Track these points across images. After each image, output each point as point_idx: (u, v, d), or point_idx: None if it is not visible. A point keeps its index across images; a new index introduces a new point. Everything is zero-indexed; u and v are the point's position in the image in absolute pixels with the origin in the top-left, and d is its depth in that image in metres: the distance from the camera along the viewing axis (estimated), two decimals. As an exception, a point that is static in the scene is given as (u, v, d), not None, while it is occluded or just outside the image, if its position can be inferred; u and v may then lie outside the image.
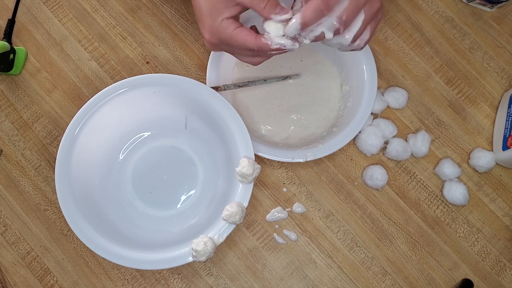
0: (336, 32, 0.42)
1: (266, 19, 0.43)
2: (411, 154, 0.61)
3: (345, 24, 0.41)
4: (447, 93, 0.63)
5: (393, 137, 0.60)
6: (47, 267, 0.58)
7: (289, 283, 0.57)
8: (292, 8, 0.43)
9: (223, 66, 0.59)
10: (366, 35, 0.44)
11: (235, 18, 0.44)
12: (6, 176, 0.60)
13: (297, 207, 0.59)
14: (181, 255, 0.51)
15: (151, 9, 0.65)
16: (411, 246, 0.59)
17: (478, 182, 0.61)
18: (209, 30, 0.44)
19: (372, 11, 0.43)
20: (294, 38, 0.43)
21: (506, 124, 0.60)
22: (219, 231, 0.52)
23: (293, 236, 0.58)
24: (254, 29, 0.47)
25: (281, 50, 0.43)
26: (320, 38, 0.42)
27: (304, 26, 0.41)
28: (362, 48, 0.45)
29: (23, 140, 0.61)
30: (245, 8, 0.44)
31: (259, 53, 0.45)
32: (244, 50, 0.45)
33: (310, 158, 0.55)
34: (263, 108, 0.61)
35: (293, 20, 0.41)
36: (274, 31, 0.43)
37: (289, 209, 0.59)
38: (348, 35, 0.43)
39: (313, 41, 0.43)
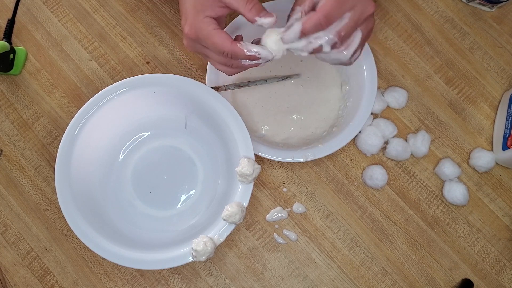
0: (333, 46, 0.43)
1: (252, 21, 0.43)
2: (411, 154, 0.61)
3: (343, 39, 0.43)
4: (447, 93, 0.63)
5: (393, 137, 0.60)
6: (47, 267, 0.58)
7: (289, 283, 0.57)
8: (290, 16, 0.44)
9: (223, 66, 0.59)
10: (358, 52, 0.46)
11: (218, 20, 0.45)
12: (6, 176, 0.60)
13: (297, 207, 0.59)
14: (181, 255, 0.51)
15: (151, 9, 0.65)
16: (411, 246, 0.59)
17: (478, 182, 0.61)
18: (189, 24, 0.44)
19: (367, 30, 0.44)
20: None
21: (506, 124, 0.60)
22: (219, 231, 0.52)
23: (293, 236, 0.58)
24: (239, 38, 0.47)
25: (254, 61, 0.44)
26: (318, 50, 0.43)
27: (303, 35, 0.42)
28: (351, 64, 0.47)
29: (23, 140, 0.61)
30: (228, 14, 0.45)
31: (233, 61, 0.45)
32: (219, 55, 0.45)
33: (310, 158, 0.55)
34: (263, 108, 0.61)
35: (294, 27, 0.42)
36: (270, 45, 0.43)
37: (289, 209, 0.59)
38: (347, 52, 0.44)
39: (310, 53, 0.44)
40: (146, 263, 0.51)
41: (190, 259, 0.51)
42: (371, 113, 0.61)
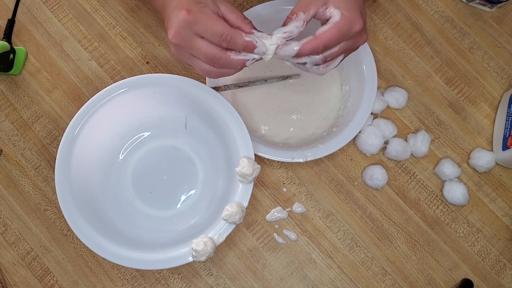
0: (316, 65, 0.46)
1: (244, 31, 0.43)
2: (411, 154, 0.61)
3: (326, 62, 0.45)
4: (447, 93, 0.63)
5: (393, 137, 0.60)
6: (47, 267, 0.58)
7: (289, 283, 0.57)
8: (289, 18, 0.44)
9: (223, 66, 0.59)
10: (332, 66, 0.47)
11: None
12: (6, 176, 0.60)
13: (297, 207, 0.59)
14: (181, 255, 0.51)
15: (151, 9, 0.65)
16: (411, 246, 0.59)
17: (478, 182, 0.61)
18: (186, 9, 0.41)
19: (349, 52, 0.47)
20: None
21: (506, 124, 0.60)
22: (219, 231, 0.52)
23: (293, 236, 0.58)
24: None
25: (246, 55, 0.43)
26: (301, 64, 0.46)
27: (298, 55, 0.44)
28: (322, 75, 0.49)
29: (23, 140, 0.61)
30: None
31: (222, 54, 0.43)
32: (212, 45, 0.42)
33: (310, 158, 0.55)
34: (263, 108, 0.61)
35: (292, 46, 0.43)
36: (268, 43, 0.44)
37: (289, 209, 0.59)
38: (324, 70, 0.47)
39: (294, 65, 0.46)
40: (146, 263, 0.51)
41: (190, 259, 0.51)
42: (371, 113, 0.60)
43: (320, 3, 0.43)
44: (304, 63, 0.45)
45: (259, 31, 0.44)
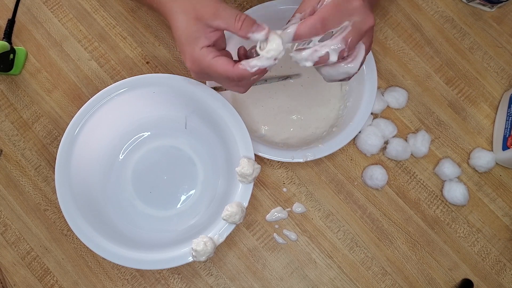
0: (341, 55, 0.42)
1: (245, 38, 0.43)
2: (411, 154, 0.61)
3: (350, 47, 0.42)
4: (447, 93, 0.63)
5: (393, 137, 0.60)
6: (47, 267, 0.58)
7: (289, 283, 0.57)
8: (288, 21, 0.44)
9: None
10: (360, 58, 0.45)
11: (215, 46, 0.44)
12: (6, 176, 0.60)
13: (297, 207, 0.59)
14: (181, 255, 0.51)
15: (146, 7, 0.65)
16: (411, 246, 0.59)
17: (478, 182, 0.61)
18: (190, 59, 0.44)
19: (369, 41, 0.44)
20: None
21: (506, 124, 0.60)
22: (219, 231, 0.52)
23: (293, 236, 0.58)
24: (242, 50, 0.47)
25: (261, 72, 0.43)
26: (324, 59, 0.42)
27: (297, 37, 0.42)
28: (350, 78, 0.47)
29: (23, 140, 0.61)
30: (223, 35, 0.45)
31: (241, 82, 0.44)
32: (226, 80, 0.44)
33: (310, 158, 0.55)
34: (263, 108, 0.61)
35: (288, 30, 0.41)
36: (276, 47, 0.42)
37: (289, 209, 0.59)
38: (354, 64, 0.44)
39: (316, 62, 0.42)
40: (146, 263, 0.51)
41: (190, 259, 0.51)
42: (371, 113, 0.60)
43: (315, 0, 0.43)
44: (327, 55, 0.42)
45: (258, 26, 0.42)
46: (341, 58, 0.42)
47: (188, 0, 0.43)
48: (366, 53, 0.44)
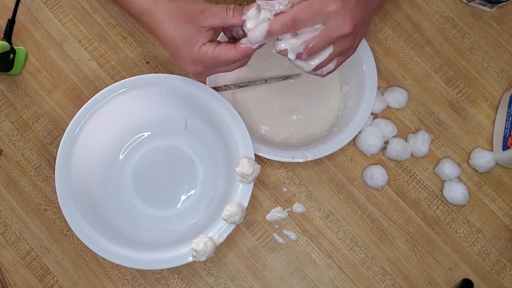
0: (298, 56, 0.43)
1: (240, 24, 0.43)
2: (411, 154, 0.61)
3: (310, 52, 0.43)
4: (447, 93, 0.63)
5: (393, 137, 0.60)
6: (47, 267, 0.58)
7: (289, 283, 0.57)
8: None
9: (223, 66, 0.59)
10: (331, 67, 0.46)
11: (211, 41, 0.45)
12: (6, 176, 0.60)
13: (297, 207, 0.59)
14: (181, 255, 0.51)
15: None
16: (411, 246, 0.59)
17: (478, 182, 0.61)
18: (190, 61, 0.45)
19: (342, 48, 0.44)
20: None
21: (506, 124, 0.60)
22: (219, 231, 0.52)
23: (293, 236, 0.58)
24: (228, 33, 0.47)
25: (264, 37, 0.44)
26: (283, 53, 0.43)
27: (269, 35, 0.42)
28: (323, 76, 0.47)
29: (23, 140, 0.61)
30: (216, 30, 0.46)
31: (245, 59, 0.46)
32: (231, 64, 0.45)
33: (310, 158, 0.55)
34: (263, 108, 0.61)
35: (261, 26, 0.42)
36: (254, 24, 0.43)
37: (289, 209, 0.59)
38: (313, 63, 0.44)
39: (278, 53, 0.44)
40: (146, 263, 0.51)
41: (190, 259, 0.51)
42: (371, 113, 0.60)
43: None
44: (286, 51, 0.43)
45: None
46: (299, 57, 0.43)
47: (173, 7, 0.45)
48: (336, 56, 0.44)
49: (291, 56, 0.43)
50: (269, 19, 0.42)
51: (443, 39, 0.65)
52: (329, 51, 0.44)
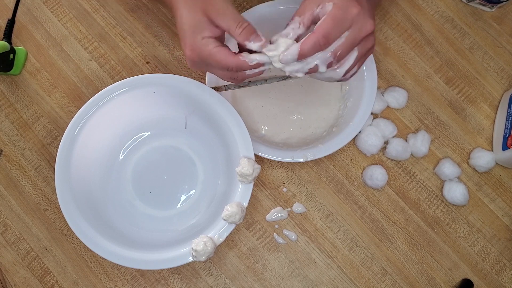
0: (329, 66, 0.43)
1: (242, 44, 0.44)
2: (411, 154, 0.61)
3: (339, 59, 0.43)
4: (447, 93, 0.63)
5: (393, 137, 0.60)
6: (47, 267, 0.58)
7: (289, 283, 0.57)
8: (287, 25, 0.44)
9: (223, 66, 0.59)
10: (355, 69, 0.46)
11: (217, 38, 0.45)
12: (6, 176, 0.60)
13: (297, 207, 0.59)
14: (181, 255, 0.51)
15: (151, 9, 0.65)
16: (411, 246, 0.59)
17: (478, 182, 0.61)
18: (190, 47, 0.45)
19: (365, 48, 0.44)
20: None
21: (506, 124, 0.60)
22: (219, 231, 0.52)
23: (293, 236, 0.58)
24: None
25: (258, 69, 0.44)
26: (314, 70, 0.43)
27: (301, 57, 0.42)
28: (347, 80, 0.47)
29: (23, 140, 0.61)
30: (225, 32, 0.45)
31: (238, 74, 0.45)
32: (224, 70, 0.45)
33: (310, 158, 0.55)
34: (263, 108, 0.61)
35: (292, 49, 0.42)
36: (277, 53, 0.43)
37: (289, 209, 0.59)
38: (340, 70, 0.44)
39: (306, 73, 0.44)
40: (146, 263, 0.51)
41: (190, 259, 0.51)
42: (371, 113, 0.60)
43: (315, 4, 0.43)
44: (317, 67, 0.43)
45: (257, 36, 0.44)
46: (330, 67, 0.43)
47: None
48: (361, 58, 0.45)
49: (323, 68, 0.43)
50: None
51: (443, 39, 0.65)
52: (354, 54, 0.44)
